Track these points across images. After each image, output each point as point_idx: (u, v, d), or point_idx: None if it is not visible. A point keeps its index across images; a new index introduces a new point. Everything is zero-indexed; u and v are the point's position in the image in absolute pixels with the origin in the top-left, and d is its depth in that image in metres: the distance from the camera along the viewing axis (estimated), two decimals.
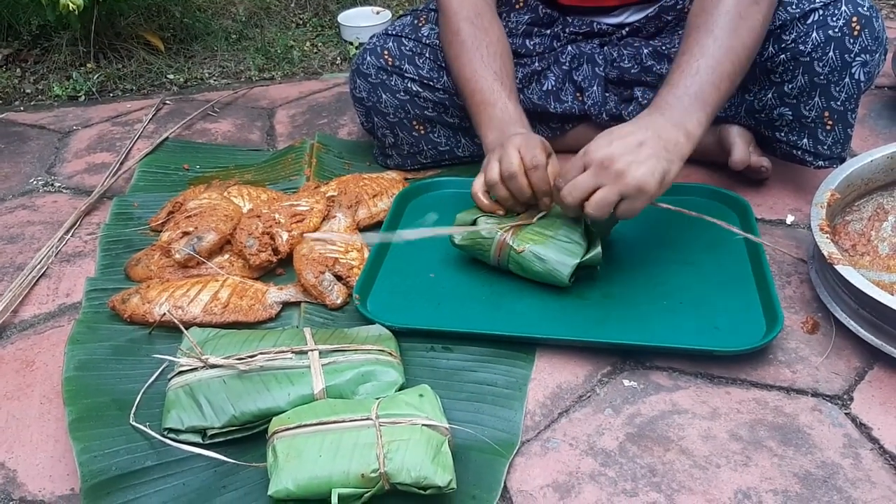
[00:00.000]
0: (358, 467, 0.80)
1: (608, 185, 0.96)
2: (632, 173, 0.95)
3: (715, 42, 1.04)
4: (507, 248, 1.09)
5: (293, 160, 1.49)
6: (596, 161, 0.97)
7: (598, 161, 0.97)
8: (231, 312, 1.08)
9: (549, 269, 1.06)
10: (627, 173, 0.95)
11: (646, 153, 0.96)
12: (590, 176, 0.97)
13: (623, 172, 0.95)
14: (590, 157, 0.98)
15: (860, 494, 0.82)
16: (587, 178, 0.98)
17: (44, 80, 1.97)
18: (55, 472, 0.90)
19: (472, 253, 1.14)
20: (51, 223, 1.37)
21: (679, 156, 0.99)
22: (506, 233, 1.09)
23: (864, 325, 0.99)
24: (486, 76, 1.19)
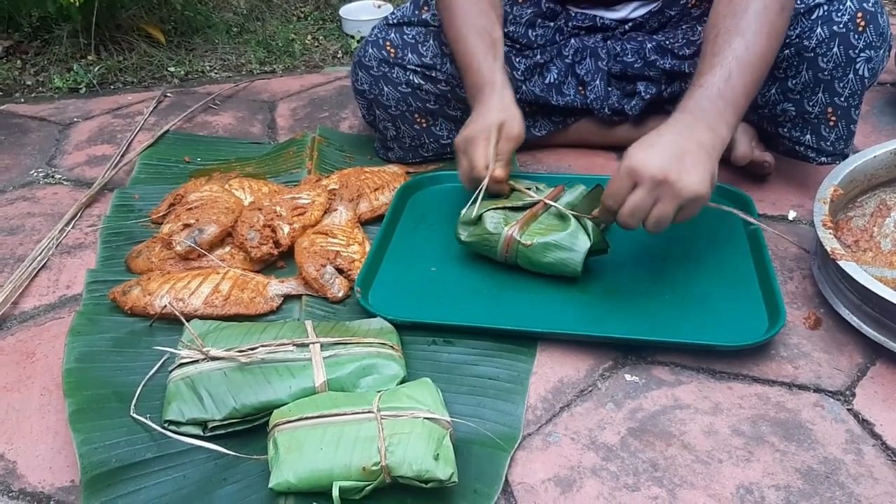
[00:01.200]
0: (359, 460, 0.80)
1: (665, 199, 0.95)
2: (686, 184, 0.94)
3: (746, 46, 1.02)
4: (514, 244, 1.08)
5: (294, 153, 1.49)
6: (647, 177, 0.94)
7: (649, 177, 0.94)
8: (232, 305, 1.07)
9: (561, 258, 1.05)
10: (681, 185, 0.93)
11: (691, 160, 0.95)
12: (646, 194, 0.95)
13: (677, 185, 0.93)
14: (639, 174, 0.95)
15: (862, 490, 0.82)
16: (645, 198, 0.95)
17: (44, 71, 1.97)
18: (55, 463, 0.90)
19: (478, 249, 1.13)
20: (51, 215, 1.36)
21: (717, 157, 0.99)
22: (512, 228, 1.09)
23: (866, 321, 0.98)
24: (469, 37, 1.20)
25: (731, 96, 1.01)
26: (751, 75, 1.02)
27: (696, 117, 1.00)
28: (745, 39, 1.02)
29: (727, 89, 1.01)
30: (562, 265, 1.06)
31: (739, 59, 1.01)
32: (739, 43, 1.02)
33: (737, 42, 1.02)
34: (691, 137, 0.97)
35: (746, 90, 1.02)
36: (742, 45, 1.02)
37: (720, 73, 1.01)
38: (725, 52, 1.02)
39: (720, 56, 1.02)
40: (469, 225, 1.12)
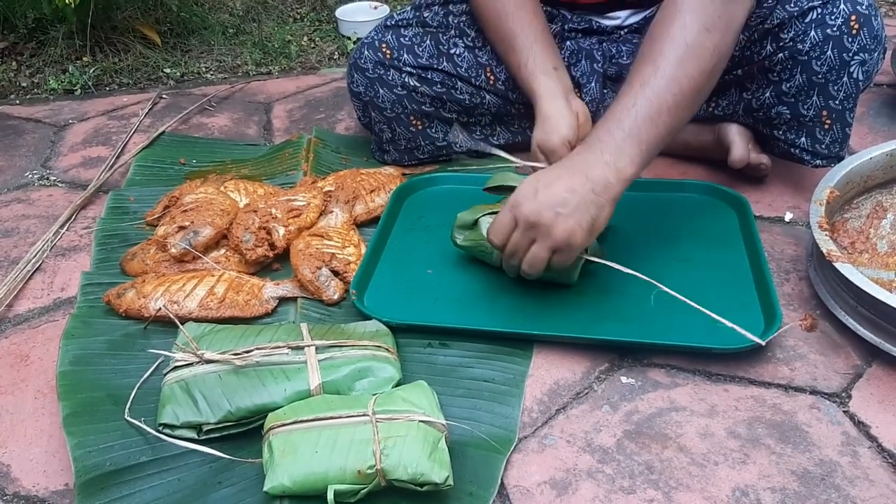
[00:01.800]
0: (354, 463, 0.79)
1: (539, 242, 0.95)
2: (559, 228, 0.93)
3: (656, 73, 0.97)
4: None
5: (290, 155, 1.49)
6: (522, 219, 0.95)
7: (524, 218, 0.95)
8: (227, 307, 1.07)
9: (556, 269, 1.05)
10: (554, 228, 0.93)
11: (573, 203, 0.94)
12: (520, 235, 0.96)
13: (551, 228, 0.94)
14: (516, 214, 0.96)
15: (858, 492, 0.82)
16: (520, 239, 0.97)
17: (40, 73, 1.96)
18: (49, 467, 0.89)
19: (474, 254, 1.13)
20: (46, 217, 1.36)
21: (609, 197, 0.96)
22: None
23: (862, 323, 0.98)
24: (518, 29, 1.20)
25: (633, 128, 0.96)
26: (659, 105, 0.96)
27: (593, 151, 0.97)
28: (657, 65, 0.97)
29: (628, 120, 0.96)
30: (556, 275, 1.06)
31: (647, 87, 0.97)
32: (649, 70, 0.98)
33: (647, 69, 0.98)
34: (580, 174, 0.96)
35: (654, 121, 0.96)
36: (651, 73, 0.97)
37: (625, 103, 0.97)
38: (634, 82, 0.98)
39: (628, 85, 0.99)
40: (465, 229, 1.12)
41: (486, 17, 1.26)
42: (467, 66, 1.31)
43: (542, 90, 1.17)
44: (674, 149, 1.36)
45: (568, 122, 1.12)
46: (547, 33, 1.24)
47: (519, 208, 0.96)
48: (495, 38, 1.26)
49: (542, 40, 1.22)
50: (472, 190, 1.30)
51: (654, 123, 0.97)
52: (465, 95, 1.32)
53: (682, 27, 0.98)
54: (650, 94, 0.97)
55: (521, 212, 0.95)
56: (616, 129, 0.97)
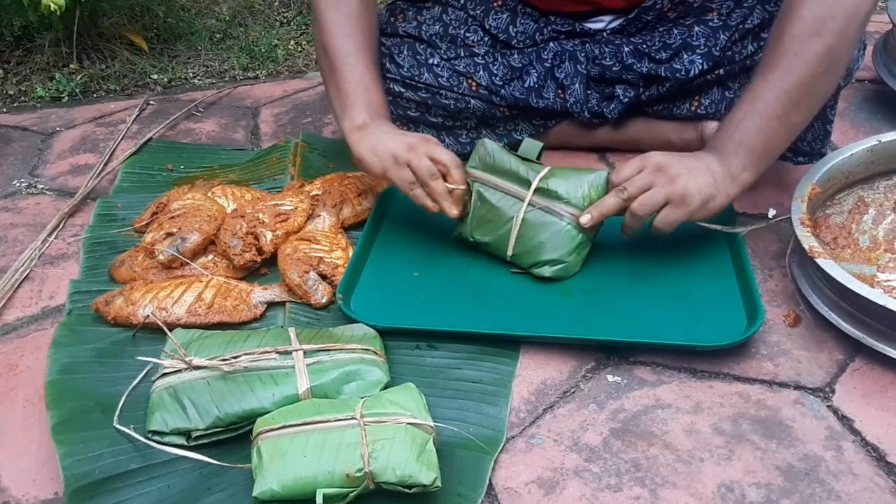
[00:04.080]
0: (343, 467, 0.80)
1: (659, 186, 1.02)
2: (683, 181, 1.01)
3: (766, 85, 1.03)
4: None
5: (277, 159, 1.49)
6: (653, 163, 1.03)
7: (655, 164, 1.03)
8: (215, 313, 1.08)
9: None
10: (679, 180, 1.01)
11: (697, 171, 1.02)
12: (646, 175, 1.03)
13: (676, 178, 1.01)
14: (648, 160, 1.04)
15: (842, 486, 0.83)
16: (643, 177, 1.03)
17: (26, 81, 1.96)
18: (39, 476, 0.90)
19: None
20: (34, 225, 1.36)
21: (725, 191, 1.03)
22: None
23: (845, 318, 0.99)
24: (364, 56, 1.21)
25: (743, 139, 1.04)
26: (768, 115, 1.03)
27: (711, 153, 1.06)
28: (766, 77, 1.03)
29: (738, 132, 1.04)
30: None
31: (757, 100, 1.03)
32: (760, 83, 1.04)
33: (758, 82, 1.04)
34: (704, 164, 1.04)
35: (762, 130, 1.03)
36: (762, 85, 1.03)
37: (737, 115, 1.05)
38: (746, 95, 1.05)
39: (741, 98, 1.06)
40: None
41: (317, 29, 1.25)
42: (448, 76, 1.32)
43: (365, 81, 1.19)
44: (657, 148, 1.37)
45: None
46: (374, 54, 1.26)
47: (651, 157, 1.04)
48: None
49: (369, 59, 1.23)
50: None
51: (764, 134, 1.04)
52: (450, 101, 1.33)
53: (792, 37, 1.02)
54: (759, 106, 1.03)
55: (652, 158, 1.04)
56: (728, 140, 1.05)
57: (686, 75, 1.27)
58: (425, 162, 1.09)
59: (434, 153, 1.10)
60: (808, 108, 1.05)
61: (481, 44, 1.36)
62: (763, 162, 1.05)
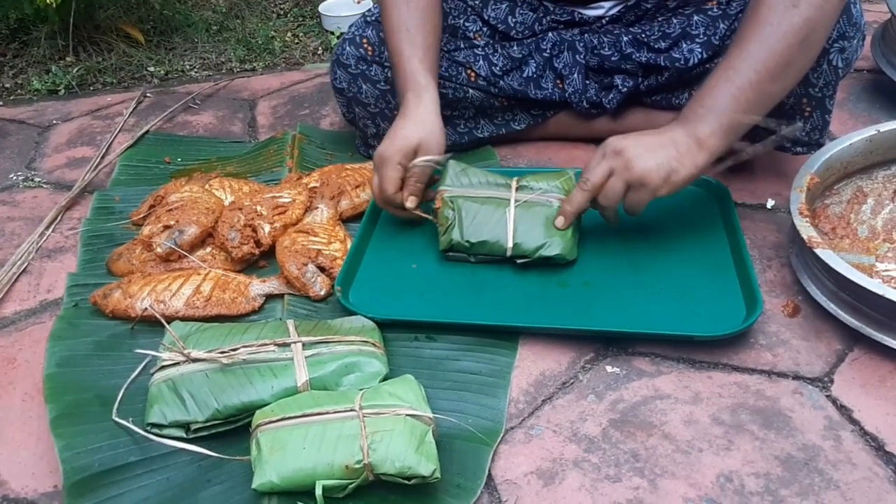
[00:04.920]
0: (342, 459, 0.80)
1: (617, 173, 1.02)
2: (639, 163, 1.00)
3: (740, 54, 1.02)
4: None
5: (275, 152, 1.49)
6: (610, 150, 1.03)
7: (611, 148, 1.03)
8: (214, 306, 1.07)
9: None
10: (635, 163, 1.00)
11: (656, 149, 1.01)
12: (604, 163, 1.03)
13: (632, 162, 1.01)
14: (607, 146, 1.04)
15: (841, 476, 0.83)
16: (602, 166, 1.03)
17: (23, 74, 1.96)
18: (38, 469, 0.90)
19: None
20: (31, 219, 1.36)
21: (692, 162, 1.01)
22: None
23: (843, 308, 0.99)
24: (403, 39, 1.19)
25: (713, 104, 1.02)
26: (740, 82, 1.01)
27: (679, 123, 1.04)
28: (741, 47, 1.02)
29: (709, 97, 1.02)
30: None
31: (730, 67, 1.02)
32: (734, 51, 1.02)
33: (733, 51, 1.03)
34: (668, 138, 1.02)
35: (735, 96, 1.01)
36: (737, 54, 1.02)
37: (709, 83, 1.03)
38: (721, 63, 1.04)
39: (716, 69, 1.04)
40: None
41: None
42: (447, 66, 1.32)
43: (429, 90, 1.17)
44: None
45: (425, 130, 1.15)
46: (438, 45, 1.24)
47: (609, 143, 1.04)
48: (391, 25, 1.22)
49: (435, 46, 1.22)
50: None
51: (735, 100, 1.01)
52: (448, 91, 1.33)
53: (769, 7, 1.01)
54: (732, 74, 1.02)
55: (610, 144, 1.04)
56: (698, 107, 1.03)
57: (685, 65, 1.26)
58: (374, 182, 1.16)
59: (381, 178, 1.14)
60: (783, 79, 1.04)
61: (481, 34, 1.35)
62: (733, 130, 1.03)
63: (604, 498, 0.82)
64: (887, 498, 0.81)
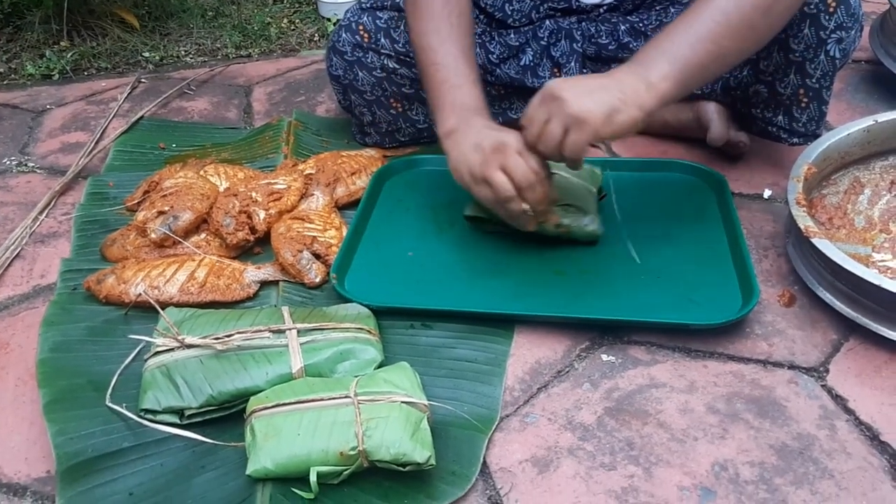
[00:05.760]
0: (337, 445, 0.80)
1: (554, 116, 0.95)
2: (576, 103, 0.93)
3: (706, 4, 0.98)
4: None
5: (270, 138, 1.48)
6: (547, 94, 0.96)
7: (549, 93, 0.96)
8: (208, 292, 1.07)
9: None
10: (572, 103, 0.93)
11: (596, 90, 0.94)
12: (542, 108, 0.96)
13: (568, 102, 0.93)
14: (544, 90, 0.97)
15: (836, 465, 0.83)
16: (540, 111, 0.97)
17: (16, 58, 1.94)
18: (31, 454, 0.89)
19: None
20: (24, 204, 1.35)
21: (636, 103, 0.94)
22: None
23: (840, 298, 0.99)
24: (452, 51, 1.13)
25: (668, 49, 0.97)
26: (699, 30, 0.97)
27: (628, 65, 0.99)
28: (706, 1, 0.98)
29: (665, 41, 0.98)
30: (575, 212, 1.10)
31: (690, 13, 0.98)
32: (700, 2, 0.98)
33: (694, 4, 0.99)
34: (614, 79, 0.96)
35: (691, 45, 0.96)
36: (701, 3, 0.98)
37: (666, 31, 0.99)
38: (682, 14, 1.00)
39: (681, 15, 1.00)
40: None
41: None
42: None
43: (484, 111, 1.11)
44: (653, 128, 1.37)
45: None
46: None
47: (545, 87, 0.97)
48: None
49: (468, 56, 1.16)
50: None
51: (692, 48, 0.97)
52: None
53: None
54: (692, 19, 0.97)
55: (546, 88, 0.96)
56: (651, 49, 0.98)
57: None
58: (499, 178, 1.00)
59: (508, 166, 1.00)
60: (743, 38, 1.00)
61: (478, 22, 1.34)
62: (687, 78, 0.97)
63: (598, 486, 0.82)
64: (881, 487, 0.81)
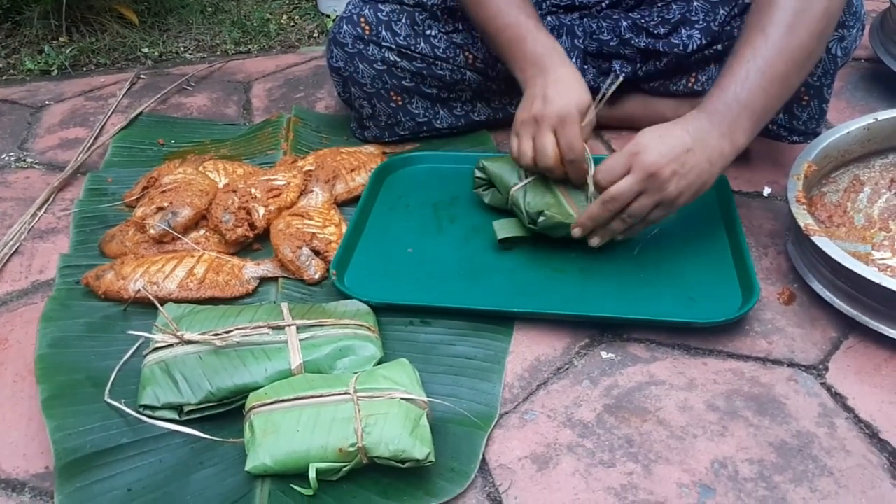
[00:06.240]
0: (336, 441, 0.80)
1: (649, 193, 0.97)
2: (673, 185, 0.96)
3: (766, 42, 0.96)
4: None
5: (270, 134, 1.48)
6: (642, 168, 0.96)
7: (644, 168, 0.96)
8: (207, 288, 1.07)
9: None
10: (670, 186, 0.96)
11: (690, 163, 0.96)
12: (634, 182, 0.97)
13: (665, 183, 0.96)
14: (638, 162, 0.96)
15: (835, 463, 0.83)
16: (632, 185, 0.97)
17: (15, 54, 1.93)
18: (29, 450, 0.89)
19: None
20: (23, 199, 1.34)
21: (721, 166, 0.98)
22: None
23: (839, 296, 0.99)
24: (511, 11, 1.14)
25: (748, 100, 0.97)
26: (771, 74, 0.96)
27: (711, 120, 0.98)
28: (766, 34, 0.97)
29: (743, 92, 0.97)
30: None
31: (759, 57, 0.97)
32: (760, 40, 0.97)
33: (758, 39, 0.97)
34: (700, 139, 0.97)
35: (766, 90, 0.97)
36: (763, 42, 0.97)
37: (739, 73, 0.97)
38: (745, 52, 0.98)
39: (740, 56, 0.98)
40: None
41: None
42: (445, 48, 1.30)
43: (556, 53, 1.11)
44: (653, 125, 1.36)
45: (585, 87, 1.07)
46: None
47: (639, 157, 0.96)
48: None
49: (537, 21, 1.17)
50: (452, 169, 1.31)
51: (766, 94, 0.97)
52: (446, 72, 1.32)
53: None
54: (762, 64, 0.97)
55: (641, 161, 0.96)
56: (733, 102, 0.97)
57: (684, 50, 1.25)
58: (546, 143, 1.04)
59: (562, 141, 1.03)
60: (805, 71, 1.01)
61: None
62: (760, 125, 1.00)
63: (598, 483, 0.82)
64: (881, 485, 0.81)
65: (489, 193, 1.19)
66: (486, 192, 1.19)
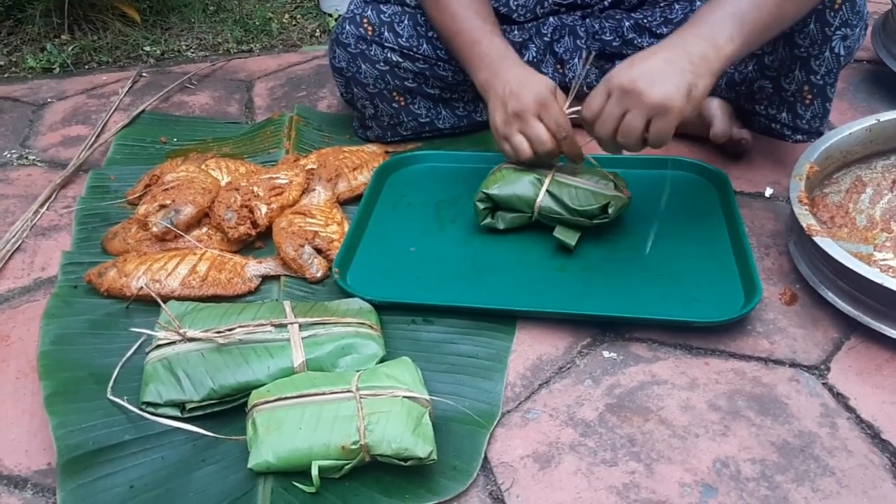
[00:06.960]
0: (338, 439, 0.80)
1: (633, 109, 0.95)
2: (654, 91, 0.93)
3: None
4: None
5: (272, 133, 1.48)
6: (616, 86, 0.95)
7: (617, 85, 0.95)
8: (209, 286, 1.07)
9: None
10: (650, 92, 0.93)
11: (669, 70, 0.93)
12: (614, 103, 0.96)
13: (645, 92, 0.93)
14: (612, 82, 0.96)
15: (836, 463, 0.83)
16: (612, 106, 0.96)
17: (17, 51, 1.93)
18: (31, 447, 0.89)
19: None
20: (25, 197, 1.34)
21: (708, 70, 0.95)
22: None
23: (841, 296, 0.99)
24: (467, 15, 1.17)
25: (735, 10, 0.95)
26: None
27: (693, 26, 0.97)
28: None
29: (730, 4, 0.96)
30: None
31: None
32: None
33: None
34: (679, 47, 0.95)
35: (758, 6, 0.95)
36: None
37: None
38: None
39: None
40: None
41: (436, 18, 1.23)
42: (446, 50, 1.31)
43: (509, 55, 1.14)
44: None
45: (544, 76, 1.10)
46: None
47: (612, 79, 0.96)
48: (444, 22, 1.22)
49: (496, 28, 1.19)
50: (454, 168, 1.31)
51: (757, 9, 0.96)
52: (448, 73, 1.32)
53: None
54: None
55: (614, 81, 0.95)
56: (717, 10, 0.96)
57: None
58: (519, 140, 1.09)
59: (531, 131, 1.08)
60: (801, 2, 1.00)
61: None
62: (751, 39, 0.97)
63: (600, 482, 0.82)
64: (882, 485, 0.81)
65: (499, 219, 1.15)
66: (494, 219, 1.15)
